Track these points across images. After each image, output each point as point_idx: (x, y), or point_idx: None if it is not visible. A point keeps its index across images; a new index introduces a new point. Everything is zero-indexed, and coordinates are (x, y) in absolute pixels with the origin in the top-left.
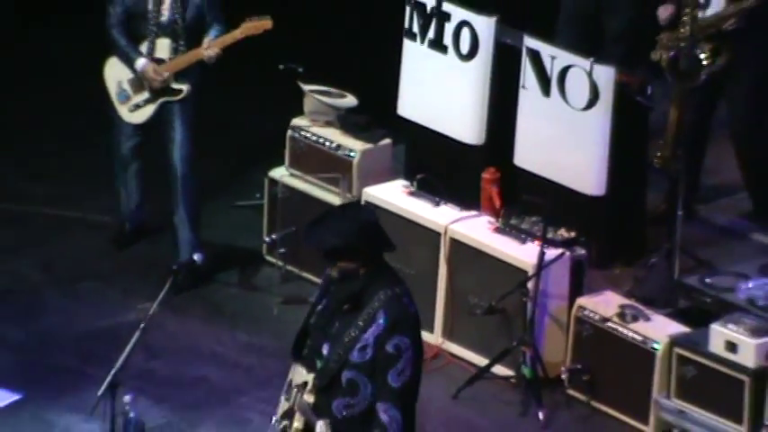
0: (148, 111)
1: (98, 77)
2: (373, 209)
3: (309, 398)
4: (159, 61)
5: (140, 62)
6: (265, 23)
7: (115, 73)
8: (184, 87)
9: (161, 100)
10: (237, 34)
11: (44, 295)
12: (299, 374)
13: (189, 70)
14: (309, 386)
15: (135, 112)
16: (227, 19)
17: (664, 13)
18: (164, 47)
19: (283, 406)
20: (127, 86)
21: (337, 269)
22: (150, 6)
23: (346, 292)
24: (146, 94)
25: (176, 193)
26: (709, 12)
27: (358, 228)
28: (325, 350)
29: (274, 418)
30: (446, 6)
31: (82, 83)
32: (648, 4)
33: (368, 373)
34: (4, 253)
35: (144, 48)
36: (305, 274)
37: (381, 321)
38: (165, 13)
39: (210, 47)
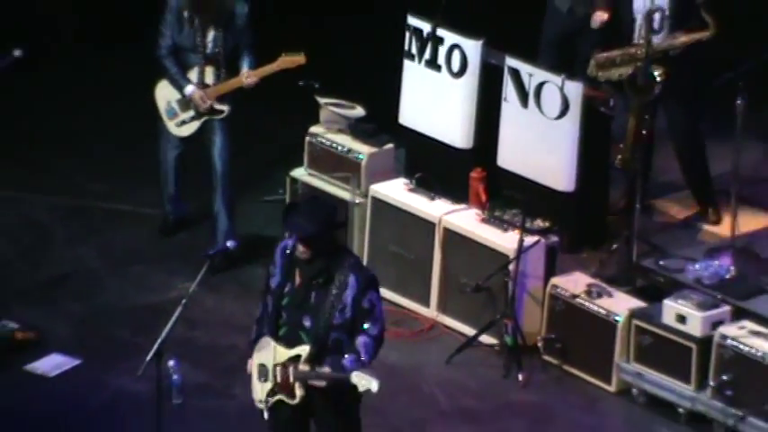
0: (193, 126)
1: (147, 95)
2: (332, 201)
3: (306, 367)
4: (206, 86)
5: (189, 89)
6: (299, 59)
7: (164, 93)
8: (225, 109)
9: (205, 118)
10: (275, 67)
11: (101, 277)
12: (279, 353)
13: (228, 93)
14: (304, 357)
15: (181, 126)
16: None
17: (599, 17)
18: (209, 74)
19: (264, 388)
20: (175, 105)
21: (309, 251)
22: (198, 41)
23: (317, 269)
24: (191, 113)
25: (216, 189)
26: (660, 38)
27: (326, 216)
28: (307, 322)
29: (258, 402)
30: (440, 32)
31: (133, 99)
32: (612, 33)
33: (348, 330)
34: (67, 241)
35: (194, 75)
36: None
37: (354, 283)
38: (209, 46)
39: (250, 76)
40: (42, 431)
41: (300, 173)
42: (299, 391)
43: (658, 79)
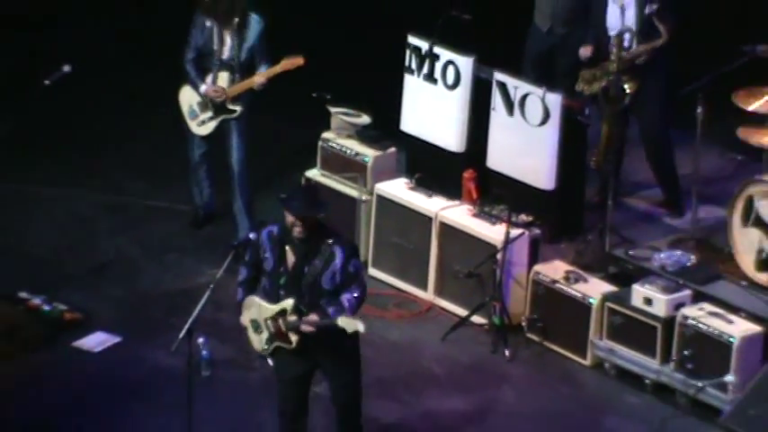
0: (212, 125)
1: (178, 104)
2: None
3: (293, 317)
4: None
5: (203, 87)
6: (298, 60)
7: (187, 97)
8: (238, 108)
9: (221, 117)
10: (278, 69)
11: (139, 264)
12: (265, 310)
13: (241, 95)
14: (289, 309)
15: (201, 126)
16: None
17: (585, 52)
18: (224, 78)
19: (261, 338)
20: (196, 107)
21: (305, 230)
22: (215, 47)
23: (309, 246)
24: (209, 113)
25: (234, 187)
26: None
27: (315, 199)
28: (305, 297)
29: (260, 351)
30: (436, 49)
31: (167, 107)
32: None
33: (337, 295)
34: (110, 233)
35: (209, 79)
36: None
37: (340, 253)
38: (226, 53)
39: (259, 77)
40: (88, 399)
41: (314, 173)
42: (293, 337)
43: (628, 91)
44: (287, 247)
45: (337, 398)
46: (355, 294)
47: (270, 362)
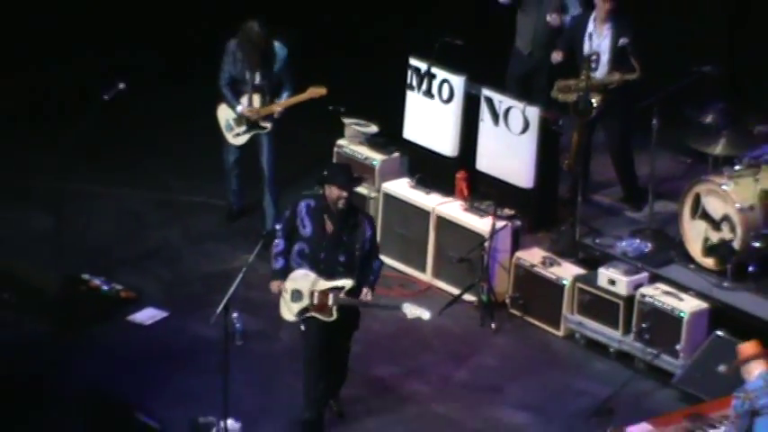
0: (245, 137)
1: (215, 114)
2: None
3: (345, 297)
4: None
5: (239, 108)
6: (321, 90)
7: (223, 114)
8: (268, 125)
9: (253, 132)
10: (304, 96)
11: (182, 251)
12: (315, 282)
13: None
14: (347, 288)
15: (236, 138)
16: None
17: (556, 57)
18: (257, 100)
19: (294, 308)
20: (232, 122)
21: (347, 201)
22: (248, 75)
23: (348, 216)
24: (244, 127)
25: (264, 188)
26: (598, 74)
27: (357, 176)
28: (342, 258)
29: (293, 317)
30: (434, 70)
31: (207, 117)
32: (567, 70)
33: (369, 256)
34: (158, 224)
35: (244, 100)
36: None
37: (368, 226)
38: (257, 79)
39: (276, 106)
40: (140, 365)
41: None
42: (335, 313)
43: (595, 105)
44: (325, 217)
45: (340, 351)
46: (379, 262)
47: (302, 327)
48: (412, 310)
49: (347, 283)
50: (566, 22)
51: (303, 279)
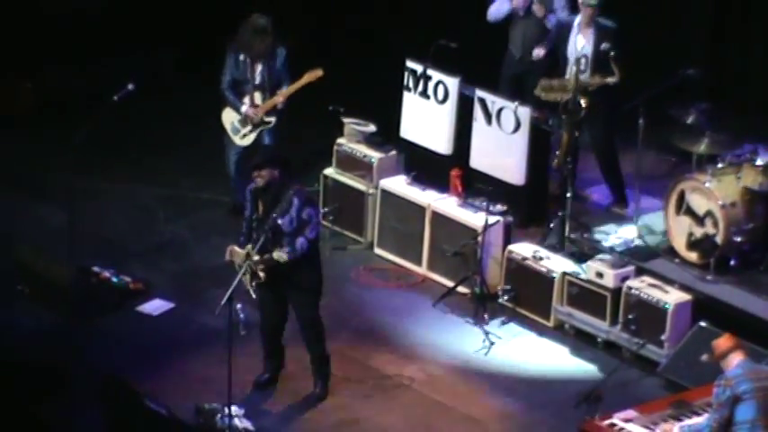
0: (252, 136)
1: (219, 115)
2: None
3: (256, 257)
4: (256, 105)
5: (243, 108)
6: (318, 72)
7: (228, 117)
8: (272, 120)
9: (259, 129)
10: (303, 81)
11: (190, 244)
12: (239, 255)
13: (274, 110)
14: (251, 252)
15: (243, 138)
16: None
17: (538, 53)
18: (258, 98)
19: (246, 279)
20: (237, 124)
21: (263, 180)
22: (248, 75)
23: (273, 196)
24: (249, 127)
25: None
26: (584, 76)
27: (272, 154)
28: (270, 234)
29: (249, 288)
30: (429, 71)
31: (212, 118)
32: (551, 71)
33: (294, 234)
34: (166, 219)
35: (246, 100)
36: (345, 232)
37: (297, 202)
38: (257, 78)
39: (279, 95)
40: (149, 353)
41: (330, 171)
42: (261, 273)
43: (583, 106)
44: (259, 199)
45: (299, 314)
46: (310, 237)
47: (253, 295)
48: (278, 256)
49: (248, 247)
50: (551, 21)
51: (236, 255)
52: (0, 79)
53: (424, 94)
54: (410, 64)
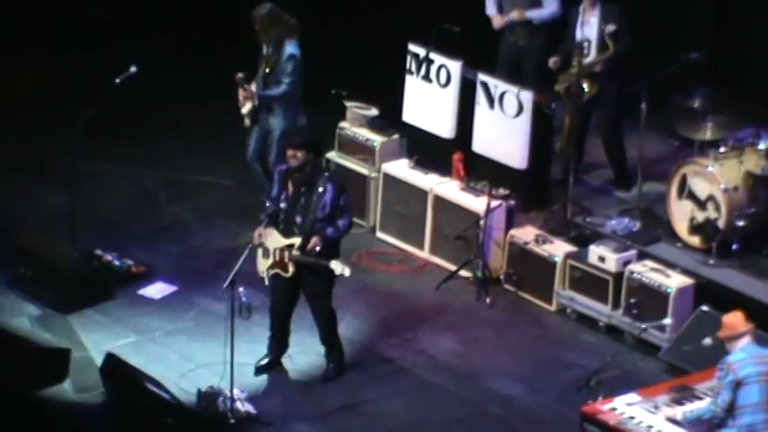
0: (246, 121)
1: (224, 99)
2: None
3: (297, 252)
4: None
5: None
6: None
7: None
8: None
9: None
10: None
11: (192, 227)
12: (278, 240)
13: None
14: (296, 246)
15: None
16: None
17: (553, 64)
18: (254, 87)
19: (264, 263)
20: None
21: (298, 160)
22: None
23: (308, 180)
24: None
25: (272, 154)
26: (588, 59)
27: (308, 136)
28: (298, 219)
29: (262, 272)
30: (432, 55)
31: (218, 100)
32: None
33: (328, 222)
34: (168, 202)
35: (253, 86)
36: None
37: (331, 189)
38: (261, 68)
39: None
40: (151, 336)
41: (333, 155)
42: (291, 268)
43: (586, 90)
44: (289, 180)
45: (312, 302)
46: (346, 222)
47: (266, 282)
48: (337, 266)
49: (296, 240)
50: (541, 17)
51: (270, 236)
52: (0, 63)
53: (427, 77)
54: (413, 48)
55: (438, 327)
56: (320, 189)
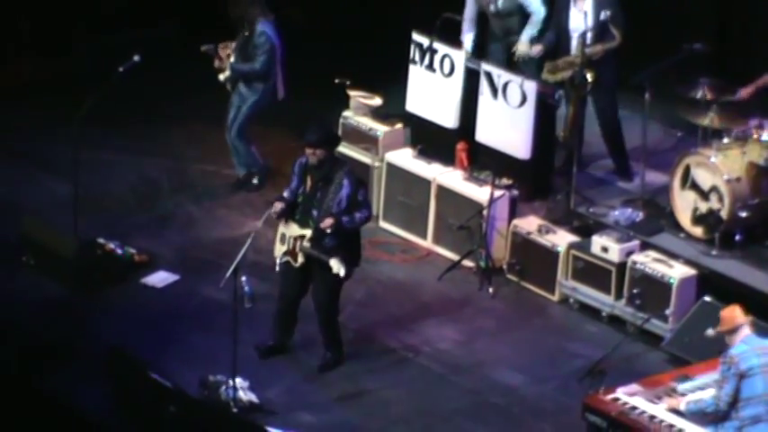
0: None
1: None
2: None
3: (307, 244)
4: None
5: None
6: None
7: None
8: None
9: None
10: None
11: (194, 216)
12: (294, 230)
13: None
14: (308, 237)
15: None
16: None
17: (537, 52)
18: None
19: (281, 249)
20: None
21: (317, 158)
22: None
23: (322, 174)
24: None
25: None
26: (589, 49)
27: (326, 132)
28: (314, 213)
29: (276, 256)
30: (435, 45)
31: (218, 91)
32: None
33: (348, 213)
34: (171, 191)
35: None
36: None
37: (348, 184)
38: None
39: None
40: (153, 325)
41: None
42: (300, 258)
43: (589, 80)
44: (308, 173)
45: (317, 295)
46: (365, 215)
47: (277, 268)
48: (335, 265)
49: (308, 232)
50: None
51: (289, 225)
52: (2, 51)
53: (431, 67)
54: (416, 37)
55: (440, 317)
56: (337, 184)
